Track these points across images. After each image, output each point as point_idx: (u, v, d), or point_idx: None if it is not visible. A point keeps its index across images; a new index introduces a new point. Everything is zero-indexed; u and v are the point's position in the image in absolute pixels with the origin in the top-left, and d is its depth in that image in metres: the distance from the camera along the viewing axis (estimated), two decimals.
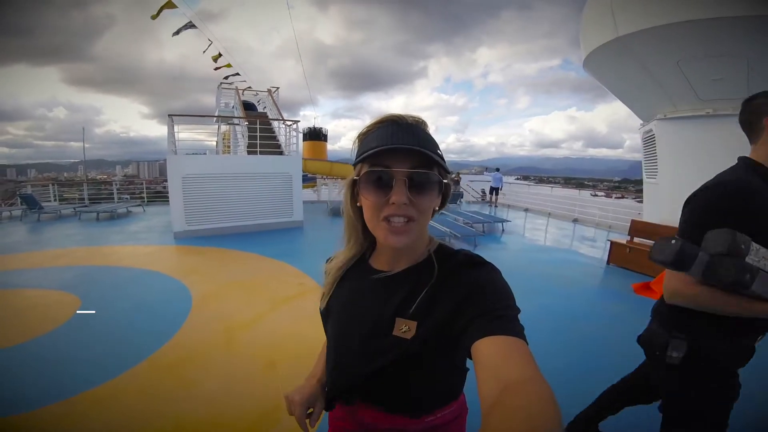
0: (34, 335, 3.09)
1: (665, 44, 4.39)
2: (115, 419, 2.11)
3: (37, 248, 6.28)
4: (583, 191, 13.02)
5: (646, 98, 5.43)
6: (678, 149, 5.20)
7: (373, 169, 0.64)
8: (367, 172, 0.65)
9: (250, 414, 2.16)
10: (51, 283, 4.38)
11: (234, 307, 3.77)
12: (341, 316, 0.80)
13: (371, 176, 0.65)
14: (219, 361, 2.77)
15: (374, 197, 0.65)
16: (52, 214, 9.55)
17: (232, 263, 5.52)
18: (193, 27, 11.37)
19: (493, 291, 0.64)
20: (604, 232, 8.32)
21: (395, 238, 0.66)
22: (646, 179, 6.11)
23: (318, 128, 21.93)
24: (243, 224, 7.70)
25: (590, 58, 5.47)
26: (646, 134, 5.84)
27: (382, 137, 0.64)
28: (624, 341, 3.24)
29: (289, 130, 9.02)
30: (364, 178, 0.66)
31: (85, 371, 2.56)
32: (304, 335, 3.17)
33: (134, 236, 7.31)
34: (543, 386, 0.46)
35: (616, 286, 4.66)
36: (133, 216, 9.77)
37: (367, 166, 0.65)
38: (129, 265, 5.22)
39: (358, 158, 0.68)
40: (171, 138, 7.31)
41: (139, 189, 13.35)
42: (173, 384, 2.45)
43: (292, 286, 4.44)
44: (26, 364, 2.68)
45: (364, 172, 0.65)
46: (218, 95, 13.27)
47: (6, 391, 2.36)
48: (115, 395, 2.32)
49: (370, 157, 0.64)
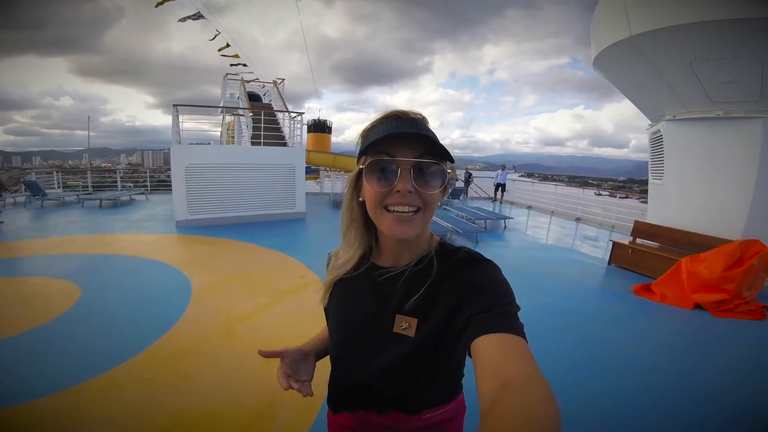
0: (34, 325, 3.11)
1: (678, 45, 4.31)
2: (112, 411, 2.12)
3: (40, 235, 6.32)
4: (587, 190, 12.92)
5: (656, 98, 5.35)
6: (686, 151, 5.13)
7: (377, 158, 0.64)
8: (372, 161, 0.64)
9: (248, 407, 2.16)
10: (52, 272, 4.41)
11: (234, 299, 3.79)
12: (342, 313, 0.80)
13: (376, 165, 0.64)
14: (217, 353, 2.78)
15: (378, 186, 0.64)
16: (56, 201, 9.61)
17: (234, 254, 5.54)
18: (201, 17, 11.31)
19: (494, 288, 0.64)
20: (606, 232, 8.28)
21: (400, 228, 0.64)
22: (651, 180, 6.05)
23: (323, 120, 21.87)
24: (245, 215, 7.72)
25: (601, 57, 5.38)
26: (654, 135, 5.77)
27: (386, 130, 0.64)
28: (623, 342, 3.25)
29: (293, 122, 8.99)
30: (368, 168, 0.65)
31: (84, 362, 2.57)
32: (304, 329, 3.17)
33: (136, 224, 7.35)
34: (543, 385, 0.45)
35: (617, 287, 4.64)
36: (136, 204, 9.81)
37: (371, 156, 0.65)
38: (130, 254, 5.24)
39: (362, 149, 0.67)
40: (175, 128, 7.31)
41: (142, 177, 13.38)
42: (171, 376, 2.46)
43: (293, 279, 4.45)
44: (25, 355, 2.69)
45: (368, 162, 0.65)
46: (224, 86, 13.22)
47: (4, 381, 2.37)
48: (112, 387, 2.33)
49: (375, 146, 0.63)
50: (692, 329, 3.55)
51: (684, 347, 3.21)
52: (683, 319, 3.76)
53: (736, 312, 3.81)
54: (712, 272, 4.02)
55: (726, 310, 3.83)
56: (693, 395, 2.48)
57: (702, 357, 3.04)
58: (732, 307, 3.84)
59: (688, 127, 5.03)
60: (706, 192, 4.92)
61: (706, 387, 2.58)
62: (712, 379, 2.69)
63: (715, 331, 3.52)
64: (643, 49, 4.61)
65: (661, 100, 5.24)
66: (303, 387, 0.78)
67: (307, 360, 0.86)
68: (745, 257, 4.02)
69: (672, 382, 2.62)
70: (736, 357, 3.06)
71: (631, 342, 3.27)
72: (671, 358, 2.98)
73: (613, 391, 2.48)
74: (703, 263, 4.18)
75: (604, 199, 13.15)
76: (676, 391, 2.52)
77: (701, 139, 4.89)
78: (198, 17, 11.29)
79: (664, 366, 2.84)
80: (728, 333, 3.48)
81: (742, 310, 3.83)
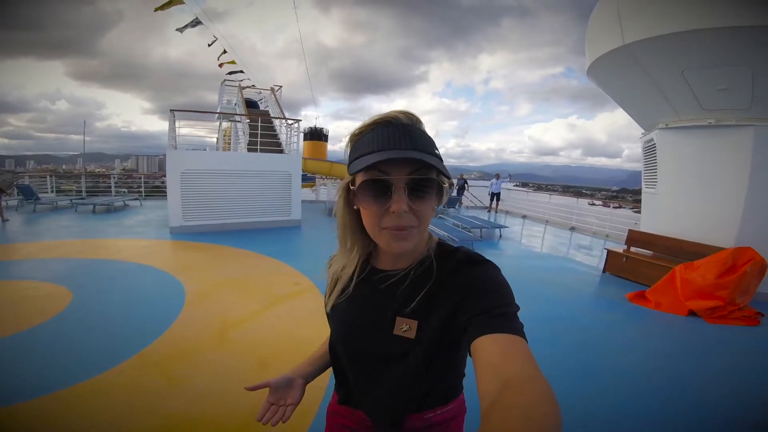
0: (24, 328, 3.05)
1: (671, 53, 4.38)
2: (103, 414, 2.08)
3: (32, 239, 6.24)
4: (581, 200, 13.03)
5: (649, 107, 5.43)
6: (678, 159, 5.19)
7: (370, 179, 0.62)
8: (364, 182, 0.62)
9: (240, 413, 2.12)
10: (44, 275, 4.34)
11: (227, 305, 3.74)
12: (343, 316, 0.80)
13: (368, 186, 0.62)
14: (210, 358, 2.74)
15: (374, 206, 0.62)
16: (48, 205, 9.51)
17: (228, 260, 5.49)
18: (198, 24, 11.36)
19: (493, 289, 0.64)
20: (601, 240, 8.34)
21: (398, 245, 0.64)
22: (645, 189, 6.10)
23: (319, 128, 21.90)
24: (240, 221, 7.68)
25: (595, 66, 5.46)
26: (647, 143, 5.84)
27: (377, 141, 0.61)
28: (617, 350, 3.25)
29: (290, 129, 9.01)
30: (361, 188, 0.63)
31: (74, 365, 2.53)
32: (297, 335, 3.14)
33: (130, 230, 7.28)
34: (543, 385, 0.45)
35: (611, 295, 4.66)
36: (130, 209, 9.73)
37: (362, 174, 0.62)
38: (123, 259, 5.18)
39: (351, 162, 0.64)
40: (172, 133, 7.29)
41: (137, 183, 13.30)
42: (163, 380, 2.42)
43: (287, 286, 4.41)
44: (14, 357, 2.64)
45: (360, 182, 0.63)
46: (221, 92, 13.27)
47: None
48: (103, 390, 2.29)
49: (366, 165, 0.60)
50: (687, 335, 3.57)
51: (679, 353, 3.22)
52: (678, 325, 3.78)
53: (729, 318, 3.84)
54: (705, 279, 4.05)
55: (720, 317, 3.85)
56: (688, 401, 2.48)
57: (697, 363, 3.05)
58: (726, 313, 3.87)
59: (680, 135, 5.10)
60: (699, 200, 4.97)
61: (701, 392, 2.59)
62: (707, 385, 2.69)
63: (709, 337, 3.54)
64: (637, 57, 4.68)
65: (654, 108, 5.31)
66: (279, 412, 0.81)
67: (294, 385, 0.86)
68: (738, 264, 4.06)
69: (667, 387, 2.62)
70: (731, 362, 3.08)
71: (626, 348, 3.28)
72: (666, 364, 2.99)
73: (607, 397, 2.47)
74: (696, 271, 4.21)
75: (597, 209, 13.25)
76: (671, 396, 2.51)
77: (694, 147, 4.96)
78: (196, 24, 11.33)
79: (659, 372, 2.84)
80: (722, 339, 3.50)
81: (736, 316, 3.86)
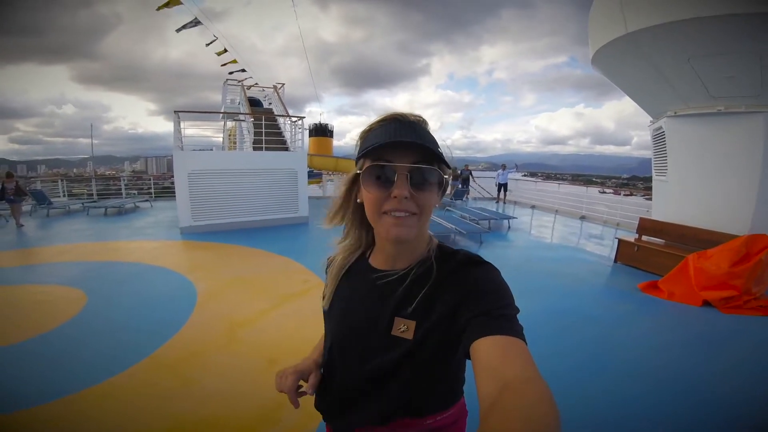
0: (40, 332, 3.12)
1: (676, 41, 4.28)
2: (115, 417, 2.13)
3: (46, 243, 6.37)
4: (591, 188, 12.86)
5: (656, 95, 5.32)
6: (688, 147, 5.10)
7: (375, 164, 0.65)
8: (370, 167, 0.65)
9: (251, 413, 2.16)
10: (59, 279, 4.44)
11: (238, 304, 3.79)
12: (341, 315, 0.80)
13: (373, 171, 0.65)
14: (220, 359, 2.78)
15: (376, 192, 0.65)
16: (61, 209, 9.68)
17: (237, 259, 5.55)
18: (198, 24, 11.37)
19: (492, 291, 0.64)
20: (611, 229, 8.23)
21: (397, 230, 0.65)
22: (655, 177, 6.00)
23: (324, 124, 21.91)
24: (248, 220, 7.73)
25: (598, 55, 5.36)
26: (656, 131, 5.73)
27: (385, 134, 0.65)
28: (630, 341, 3.22)
29: (294, 126, 9.02)
30: (366, 173, 0.66)
31: (88, 369, 2.58)
32: (306, 333, 3.17)
33: (141, 231, 7.38)
34: (542, 386, 0.45)
35: (623, 285, 4.60)
36: (141, 211, 9.87)
37: (369, 161, 0.66)
38: (135, 261, 5.27)
39: (360, 154, 0.68)
40: (177, 134, 7.34)
41: (147, 184, 13.46)
42: (173, 383, 2.46)
43: (296, 284, 4.45)
44: (31, 361, 2.71)
45: (366, 167, 0.66)
46: (224, 91, 13.30)
47: (9, 387, 2.38)
48: (116, 393, 2.33)
49: (372, 152, 0.64)
50: (701, 326, 3.51)
51: (693, 344, 3.17)
52: (691, 316, 3.72)
53: (745, 308, 3.77)
54: (719, 268, 3.98)
55: (735, 307, 3.78)
56: (702, 393, 2.45)
57: (711, 354, 3.00)
58: (741, 303, 3.80)
59: (689, 123, 5.00)
60: (711, 187, 4.88)
61: (716, 384, 2.55)
62: (722, 377, 2.65)
63: (724, 327, 3.48)
64: (641, 45, 4.59)
65: (662, 97, 5.21)
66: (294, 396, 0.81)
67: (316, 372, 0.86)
68: (752, 252, 3.97)
69: (681, 379, 2.59)
70: (746, 354, 3.02)
71: (639, 340, 3.24)
72: (680, 356, 2.95)
73: (620, 389, 2.45)
74: (710, 259, 4.13)
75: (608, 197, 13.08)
76: (685, 388, 2.49)
77: (703, 134, 4.86)
78: (195, 24, 11.34)
79: (672, 363, 2.81)
80: (738, 330, 3.43)
81: (752, 306, 3.79)
